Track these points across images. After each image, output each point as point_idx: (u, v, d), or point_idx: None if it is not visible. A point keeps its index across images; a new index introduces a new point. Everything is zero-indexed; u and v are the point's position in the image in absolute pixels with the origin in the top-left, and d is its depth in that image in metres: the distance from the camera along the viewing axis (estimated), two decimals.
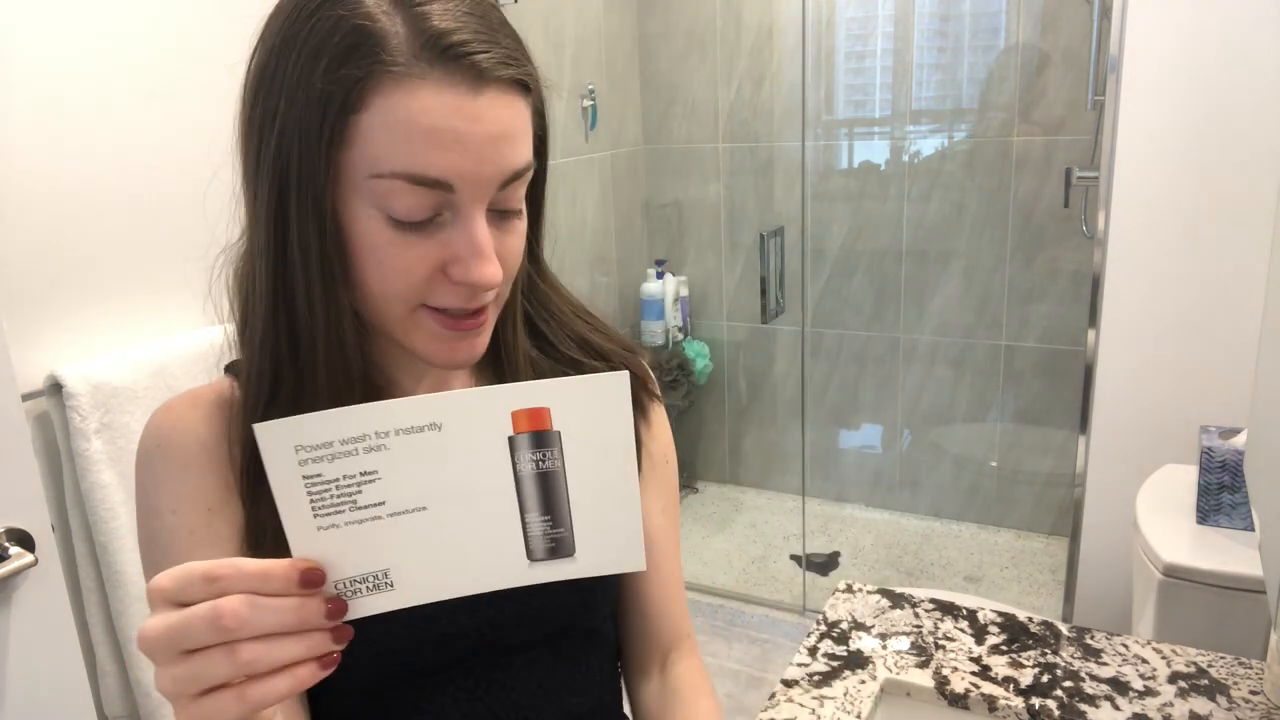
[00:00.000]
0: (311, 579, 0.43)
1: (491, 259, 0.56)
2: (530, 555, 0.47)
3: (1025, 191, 2.67)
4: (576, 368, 0.73)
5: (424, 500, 0.45)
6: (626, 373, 0.46)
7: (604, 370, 0.69)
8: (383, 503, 0.44)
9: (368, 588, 0.45)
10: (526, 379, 0.51)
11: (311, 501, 0.43)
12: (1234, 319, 1.75)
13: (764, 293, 2.66)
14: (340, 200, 0.55)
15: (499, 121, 0.55)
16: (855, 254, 2.98)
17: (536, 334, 0.73)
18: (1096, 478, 1.96)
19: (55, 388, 1.29)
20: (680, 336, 3.15)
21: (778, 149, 2.99)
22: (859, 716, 0.91)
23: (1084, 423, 1.97)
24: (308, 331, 0.59)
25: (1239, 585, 1.34)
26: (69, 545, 1.34)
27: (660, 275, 3.09)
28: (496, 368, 0.70)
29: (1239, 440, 1.46)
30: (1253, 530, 1.39)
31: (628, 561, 0.49)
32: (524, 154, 0.57)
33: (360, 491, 0.44)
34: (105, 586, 1.35)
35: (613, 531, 0.48)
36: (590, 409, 0.46)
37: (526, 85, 0.57)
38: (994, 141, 2.70)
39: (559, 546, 0.48)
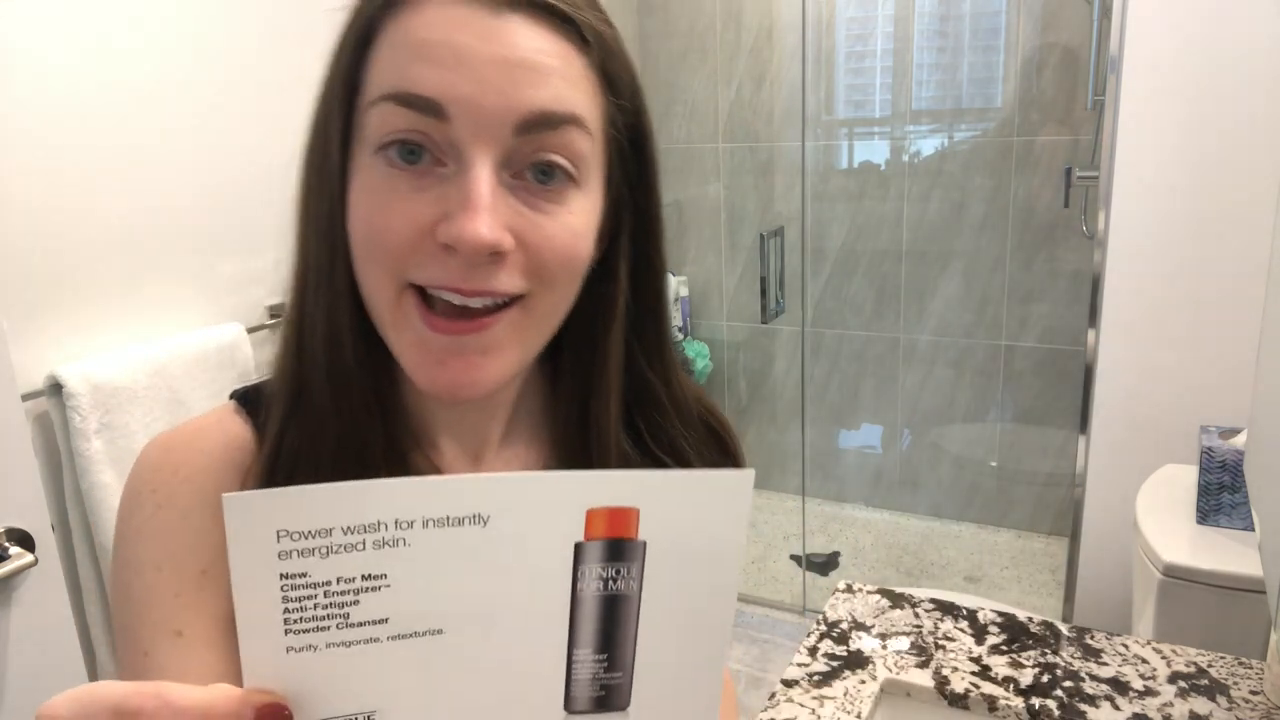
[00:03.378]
0: None
1: (482, 212, 0.44)
2: (570, 705, 0.36)
3: (1025, 191, 2.67)
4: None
5: (442, 621, 0.33)
6: (752, 472, 0.35)
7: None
8: (385, 620, 0.33)
9: None
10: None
11: (286, 611, 0.32)
12: (1234, 319, 1.75)
13: (764, 293, 2.66)
14: (352, 160, 0.48)
15: (520, 48, 0.45)
16: (855, 254, 2.98)
17: (634, 425, 0.57)
18: (1096, 478, 1.96)
19: (55, 388, 1.29)
20: (680, 337, 3.16)
21: (778, 149, 2.99)
22: (859, 716, 0.91)
23: (1084, 423, 1.97)
24: (311, 322, 0.50)
25: (1239, 585, 1.34)
26: (69, 545, 1.34)
27: None
28: (574, 455, 0.57)
29: (1239, 440, 1.46)
30: (1253, 530, 1.39)
31: None
32: (556, 96, 0.46)
33: (357, 603, 0.32)
34: (105, 586, 1.35)
35: (684, 688, 0.37)
36: (694, 517, 0.35)
37: (583, 34, 0.47)
38: (994, 141, 2.70)
39: (610, 697, 0.36)
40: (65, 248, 1.34)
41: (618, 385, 0.56)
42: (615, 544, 0.34)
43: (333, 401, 0.50)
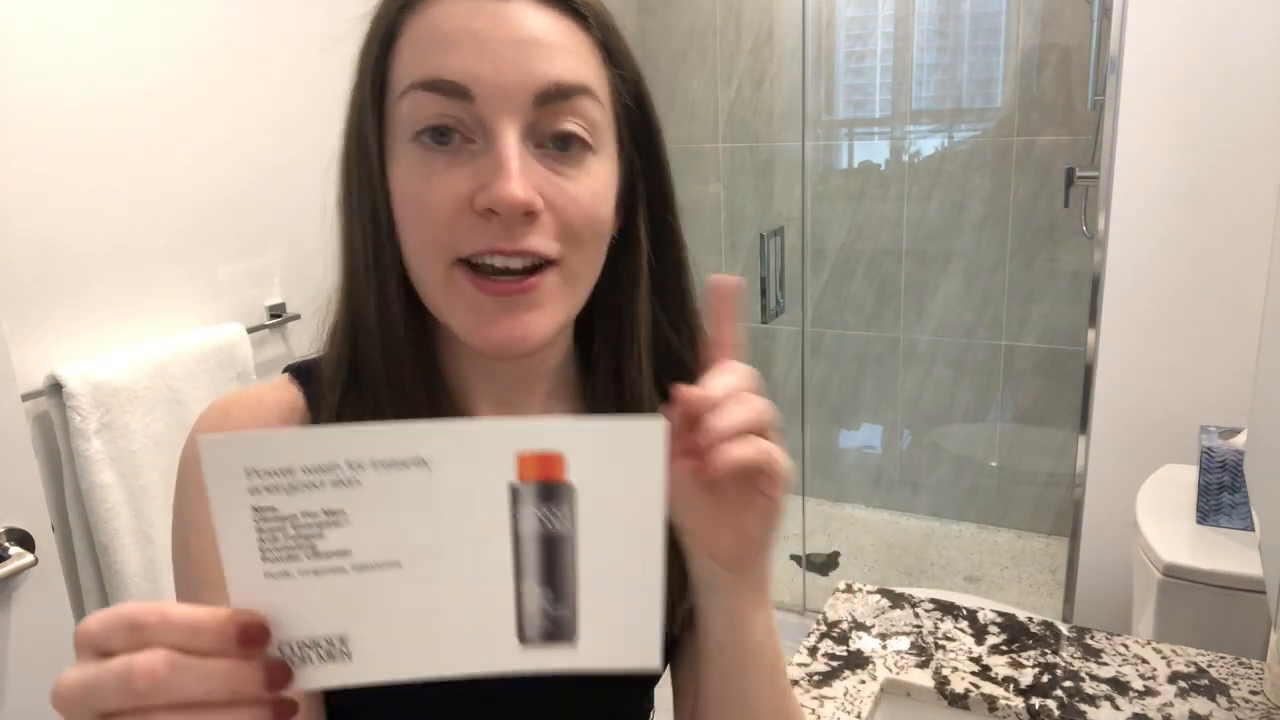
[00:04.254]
0: (251, 636, 0.35)
1: (514, 176, 0.48)
2: (522, 636, 0.39)
3: (1025, 191, 2.67)
4: None
5: (398, 554, 0.37)
6: (663, 421, 0.38)
7: None
8: (348, 552, 0.37)
9: (319, 655, 0.37)
10: None
11: (261, 541, 0.36)
12: (1234, 319, 1.75)
13: (764, 293, 2.66)
14: (389, 152, 0.53)
15: (529, 29, 0.50)
16: (855, 254, 2.98)
17: (664, 389, 0.60)
18: (1096, 478, 1.96)
19: (55, 388, 1.29)
20: None
21: (778, 149, 2.99)
22: (859, 716, 0.91)
23: (1084, 423, 1.97)
24: (363, 302, 0.55)
25: (1239, 585, 1.34)
26: (69, 545, 1.34)
27: None
28: (608, 407, 0.61)
29: (1239, 440, 1.46)
30: (1253, 530, 1.39)
31: (640, 656, 0.40)
32: (567, 69, 0.50)
33: (322, 535, 0.36)
34: (105, 586, 1.35)
35: (626, 619, 0.40)
36: (618, 463, 0.38)
37: (581, 13, 0.52)
38: (994, 141, 2.70)
39: (558, 629, 0.39)
40: (65, 248, 1.34)
41: (648, 350, 0.60)
42: (546, 486, 0.38)
43: (386, 375, 0.55)
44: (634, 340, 0.59)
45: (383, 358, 0.55)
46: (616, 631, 0.40)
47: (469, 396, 0.60)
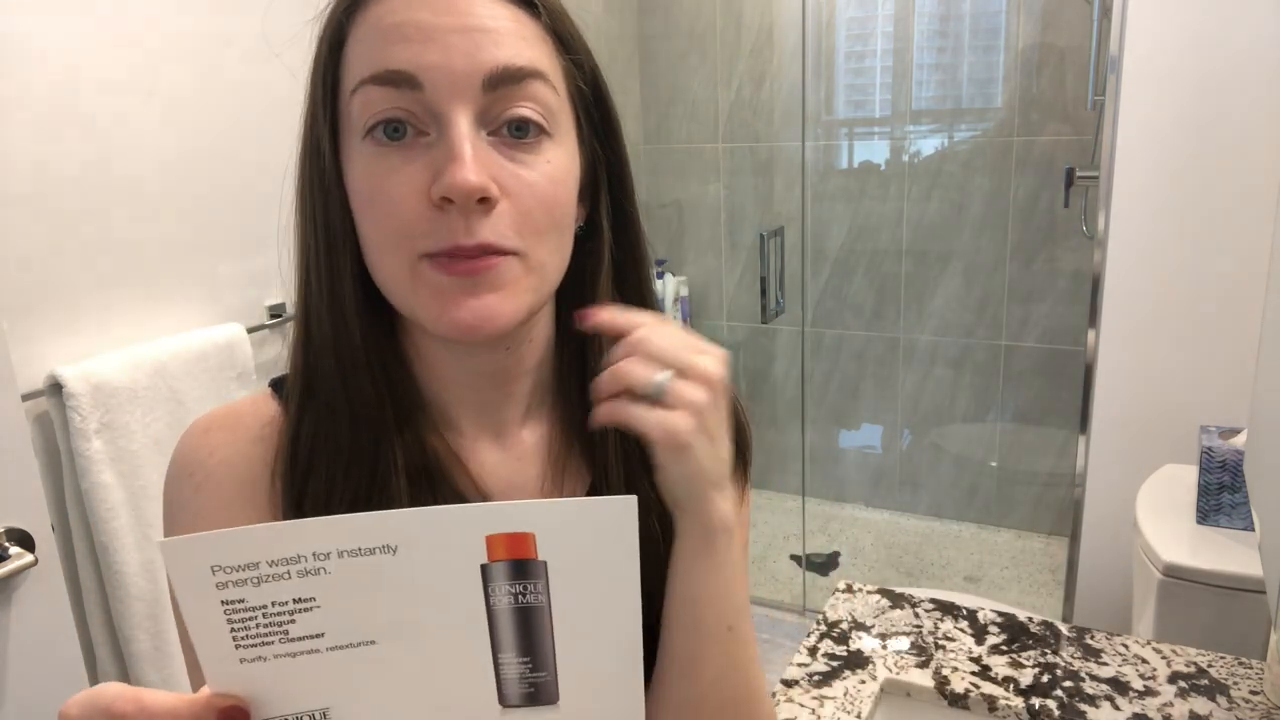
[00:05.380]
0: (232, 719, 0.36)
1: (467, 162, 0.47)
2: (504, 700, 0.40)
3: (1025, 191, 2.67)
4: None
5: (372, 634, 0.38)
6: (634, 499, 0.38)
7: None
8: (321, 634, 0.37)
9: None
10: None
11: (233, 630, 0.36)
12: (1234, 319, 1.75)
13: (764, 293, 2.66)
14: (342, 153, 0.52)
15: (476, 16, 0.49)
16: (855, 254, 2.98)
17: None
18: (1096, 478, 1.96)
19: (55, 388, 1.29)
20: None
21: (778, 149, 2.99)
22: (859, 716, 0.91)
23: (1084, 423, 1.97)
24: (315, 307, 0.54)
25: (1239, 585, 1.34)
26: (69, 545, 1.34)
27: (660, 275, 3.09)
28: (578, 424, 0.60)
29: (1239, 440, 1.46)
30: (1253, 530, 1.39)
31: (624, 715, 0.41)
32: (516, 53, 0.50)
33: (294, 621, 0.37)
34: (105, 586, 1.35)
35: (608, 680, 0.41)
36: (587, 538, 0.39)
37: (529, 1, 0.51)
38: (994, 141, 2.70)
39: (538, 693, 0.40)
40: (65, 247, 1.34)
41: (609, 341, 0.58)
42: (518, 564, 0.38)
43: (342, 387, 0.54)
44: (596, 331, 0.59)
45: (336, 362, 0.54)
46: (598, 691, 0.41)
47: (447, 405, 0.58)
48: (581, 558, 0.39)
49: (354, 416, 0.54)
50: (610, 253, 0.59)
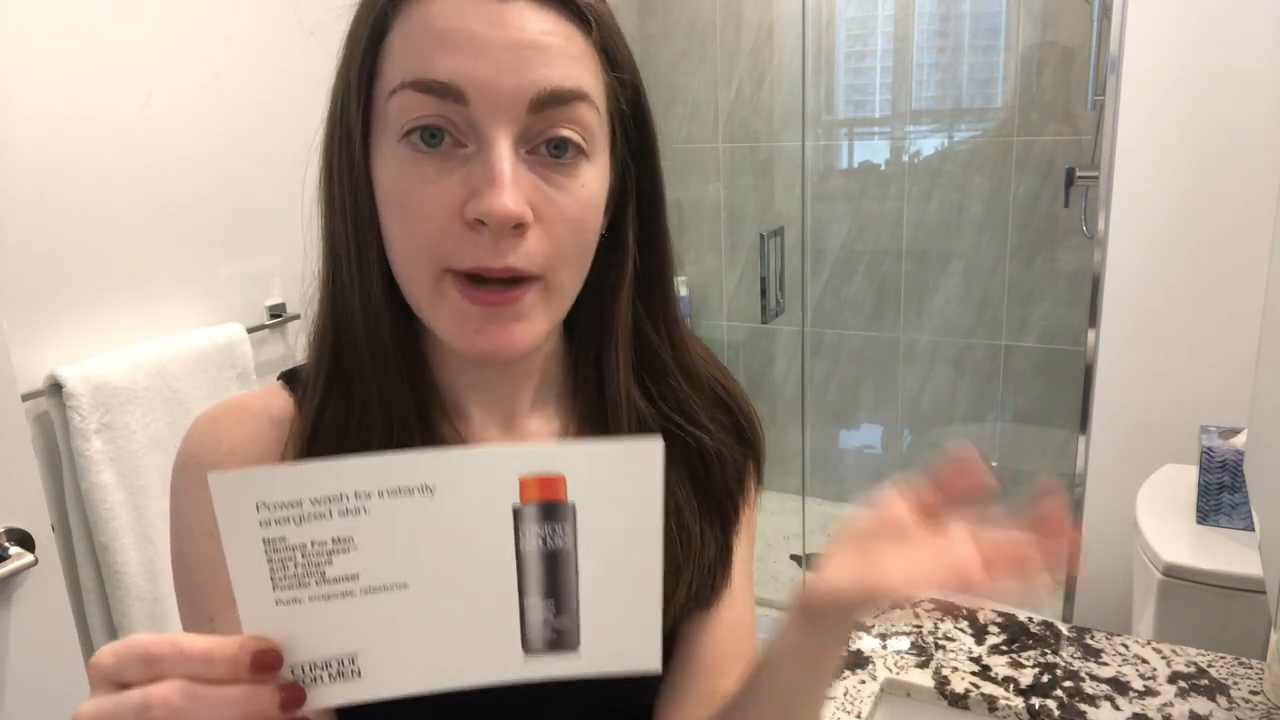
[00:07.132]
0: (265, 662, 0.37)
1: (506, 188, 0.47)
2: (527, 646, 0.41)
3: (1025, 191, 2.67)
4: (696, 432, 0.62)
5: (405, 576, 0.39)
6: (660, 442, 0.39)
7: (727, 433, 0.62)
8: (356, 576, 0.38)
9: (330, 675, 0.39)
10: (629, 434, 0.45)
11: (271, 570, 0.37)
12: (1234, 319, 1.75)
13: (764, 293, 2.66)
14: (374, 147, 0.51)
15: (528, 31, 0.48)
16: (855, 254, 2.98)
17: (644, 386, 0.61)
18: (1096, 478, 1.96)
19: (55, 388, 1.29)
20: None
21: (778, 149, 2.99)
22: (859, 716, 0.91)
23: (1084, 423, 1.97)
24: (347, 300, 0.54)
25: (1239, 585, 1.34)
26: (69, 545, 1.34)
27: None
28: (592, 419, 0.61)
29: (1239, 440, 1.46)
30: (1253, 530, 1.39)
31: (641, 660, 0.42)
32: (565, 75, 0.49)
33: (330, 562, 0.38)
34: (105, 586, 1.35)
35: (627, 626, 0.42)
36: (616, 481, 0.40)
37: (583, 14, 0.50)
38: (994, 141, 2.70)
39: (561, 638, 0.41)
40: (65, 247, 1.34)
41: (626, 347, 0.59)
42: (548, 506, 0.39)
43: (373, 373, 0.54)
44: (614, 338, 0.59)
45: (369, 356, 0.54)
46: (618, 638, 0.42)
47: (458, 394, 0.59)
48: (609, 501, 0.40)
49: (382, 401, 0.54)
50: (635, 264, 0.59)
